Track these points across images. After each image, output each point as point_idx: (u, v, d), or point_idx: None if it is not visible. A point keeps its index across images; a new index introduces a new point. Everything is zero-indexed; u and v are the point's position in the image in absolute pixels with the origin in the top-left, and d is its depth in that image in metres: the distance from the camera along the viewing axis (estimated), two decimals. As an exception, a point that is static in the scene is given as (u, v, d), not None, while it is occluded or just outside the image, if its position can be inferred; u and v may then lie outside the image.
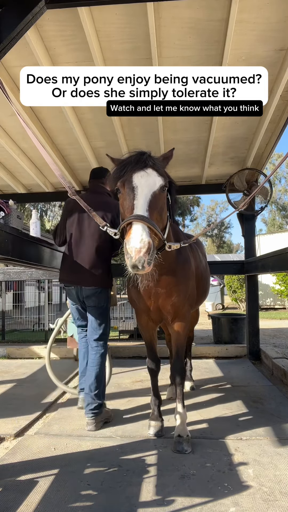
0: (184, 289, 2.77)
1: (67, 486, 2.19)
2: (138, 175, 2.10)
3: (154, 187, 2.10)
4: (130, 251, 1.84)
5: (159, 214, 2.12)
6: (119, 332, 8.47)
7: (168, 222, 2.35)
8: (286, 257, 3.59)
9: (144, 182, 2.09)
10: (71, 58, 3.31)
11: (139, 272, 1.89)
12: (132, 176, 2.11)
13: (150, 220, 1.97)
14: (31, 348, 6.17)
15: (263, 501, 2.01)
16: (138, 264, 1.83)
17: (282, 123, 4.33)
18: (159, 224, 2.09)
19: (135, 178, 2.10)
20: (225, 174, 5.62)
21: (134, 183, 2.08)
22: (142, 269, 1.85)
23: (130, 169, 2.12)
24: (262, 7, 2.83)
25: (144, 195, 2.04)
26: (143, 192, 2.05)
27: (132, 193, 2.06)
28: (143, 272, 1.91)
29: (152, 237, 1.93)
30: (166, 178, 2.20)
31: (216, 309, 16.47)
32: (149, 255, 1.85)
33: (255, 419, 3.18)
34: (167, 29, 3.01)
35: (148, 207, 2.01)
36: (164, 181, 2.15)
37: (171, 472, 2.33)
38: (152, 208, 2.03)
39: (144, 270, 1.87)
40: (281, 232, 19.47)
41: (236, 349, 5.88)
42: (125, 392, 4.01)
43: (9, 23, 2.31)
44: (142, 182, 2.08)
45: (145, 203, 2.02)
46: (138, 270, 1.86)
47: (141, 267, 1.83)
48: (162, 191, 2.16)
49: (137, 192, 2.05)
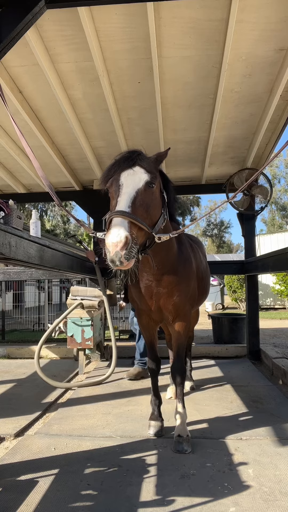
0: (185, 289, 2.77)
1: (67, 486, 2.19)
2: (124, 174, 2.11)
3: (139, 184, 2.08)
4: (108, 246, 1.83)
5: (144, 210, 2.09)
6: (119, 332, 8.47)
7: (163, 220, 2.33)
8: (286, 257, 3.59)
9: (129, 179, 2.09)
10: (71, 58, 3.31)
11: (118, 267, 1.88)
12: (119, 175, 2.12)
13: (132, 215, 1.94)
14: (31, 348, 6.17)
15: (263, 501, 2.01)
16: (115, 258, 1.81)
17: (282, 123, 4.33)
18: (146, 221, 2.06)
19: (122, 177, 2.10)
20: (225, 174, 5.63)
21: (120, 181, 2.09)
22: (120, 264, 1.83)
23: (118, 168, 2.14)
24: (262, 7, 2.83)
25: (127, 192, 2.04)
26: (127, 189, 2.05)
27: (118, 191, 2.06)
28: (123, 268, 1.89)
29: (132, 232, 1.90)
30: (154, 175, 2.17)
31: (216, 309, 16.47)
32: (126, 249, 1.82)
33: (255, 419, 3.18)
34: (167, 29, 3.00)
35: (131, 203, 1.99)
36: (150, 177, 2.12)
37: (171, 472, 2.33)
38: (136, 204, 2.01)
39: (123, 265, 1.85)
40: (281, 232, 19.44)
41: (236, 349, 5.88)
42: (125, 392, 4.01)
43: (9, 23, 2.31)
44: (128, 180, 2.09)
45: (128, 199, 2.00)
46: (116, 265, 1.85)
47: (118, 262, 1.82)
48: (149, 188, 2.13)
49: (122, 189, 2.05)
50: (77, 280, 12.61)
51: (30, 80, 3.59)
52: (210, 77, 3.55)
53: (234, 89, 3.76)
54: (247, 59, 3.35)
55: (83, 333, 4.67)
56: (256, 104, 4.03)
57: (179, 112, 4.16)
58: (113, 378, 4.48)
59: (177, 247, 2.71)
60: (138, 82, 3.63)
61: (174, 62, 3.37)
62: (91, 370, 4.99)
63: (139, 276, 2.68)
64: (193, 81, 3.62)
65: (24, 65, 3.38)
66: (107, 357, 5.59)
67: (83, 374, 4.78)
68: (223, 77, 3.43)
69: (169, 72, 3.49)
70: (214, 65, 3.39)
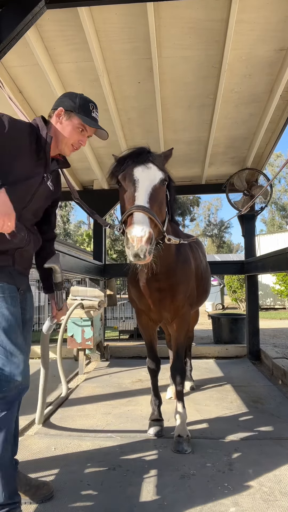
0: (185, 289, 2.77)
1: (67, 486, 2.19)
2: (139, 169, 2.13)
3: (155, 181, 2.13)
4: (132, 240, 1.86)
5: (158, 207, 2.15)
6: (119, 332, 8.48)
7: (167, 218, 2.35)
8: (286, 257, 3.59)
9: (145, 175, 2.12)
10: (71, 58, 3.31)
11: (140, 261, 1.91)
12: (133, 169, 2.13)
13: (151, 211, 1.99)
14: (31, 348, 6.15)
15: (263, 501, 2.01)
16: (140, 252, 1.84)
17: (282, 123, 4.34)
18: (158, 217, 2.11)
19: (136, 172, 2.12)
20: (225, 174, 5.63)
21: (135, 176, 2.11)
22: (144, 258, 1.86)
23: (131, 163, 2.15)
24: (262, 7, 2.83)
25: (145, 188, 2.07)
26: (144, 184, 2.08)
27: (133, 186, 2.08)
28: (144, 262, 1.93)
29: (152, 227, 1.95)
30: (166, 173, 2.23)
31: (216, 309, 16.48)
32: (150, 244, 1.86)
33: (255, 419, 3.18)
34: (167, 29, 3.01)
35: (148, 199, 2.04)
36: (164, 175, 2.19)
37: (171, 472, 2.33)
38: (152, 200, 2.06)
39: (145, 260, 1.89)
40: (281, 232, 19.47)
41: (236, 349, 5.88)
42: (125, 392, 4.00)
43: (9, 23, 2.31)
44: (143, 176, 2.11)
45: (146, 195, 2.05)
46: (139, 259, 1.88)
47: (142, 256, 1.85)
48: (162, 185, 2.19)
49: (138, 185, 2.08)
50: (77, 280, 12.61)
51: (30, 80, 3.59)
52: (210, 77, 3.55)
53: (234, 89, 3.76)
54: (247, 59, 3.35)
55: (83, 333, 4.67)
56: (256, 104, 4.03)
57: (179, 112, 4.17)
58: (113, 378, 4.49)
59: (176, 246, 2.71)
60: (138, 82, 3.64)
61: (174, 62, 3.37)
62: (91, 370, 5.00)
63: (138, 276, 2.68)
64: (193, 81, 3.62)
65: (24, 65, 3.39)
66: (107, 357, 5.60)
67: (83, 374, 4.78)
68: (223, 77, 3.44)
69: (169, 72, 3.49)
70: (214, 65, 3.39)
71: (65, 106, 1.96)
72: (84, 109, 1.98)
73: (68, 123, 1.96)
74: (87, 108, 2.00)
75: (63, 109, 1.95)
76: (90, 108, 2.02)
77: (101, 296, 4.89)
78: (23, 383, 1.73)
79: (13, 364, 1.70)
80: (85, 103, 2.00)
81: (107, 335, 8.00)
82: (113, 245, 30.61)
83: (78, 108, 1.96)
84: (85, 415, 3.33)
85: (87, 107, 2.00)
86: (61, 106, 1.96)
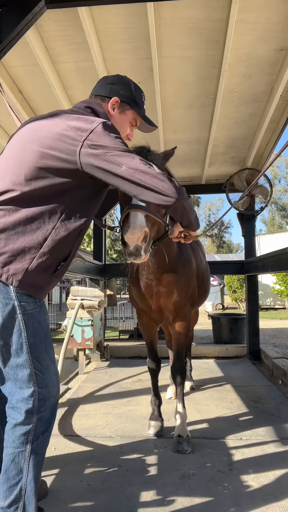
0: (186, 289, 2.77)
1: (67, 486, 2.19)
2: None
3: None
4: (127, 240, 1.85)
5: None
6: (119, 332, 8.48)
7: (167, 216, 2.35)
8: (286, 257, 3.59)
9: None
10: (71, 58, 3.31)
11: (136, 260, 1.90)
12: None
13: (148, 208, 1.94)
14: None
15: (263, 501, 2.01)
16: (135, 252, 1.84)
17: (282, 123, 4.34)
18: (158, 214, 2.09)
19: None
20: (225, 174, 5.63)
21: None
22: (139, 257, 1.86)
23: None
24: (262, 7, 2.83)
25: None
26: None
27: None
28: (140, 261, 1.92)
29: (148, 226, 1.93)
30: (164, 171, 2.20)
31: (216, 309, 16.48)
32: (145, 243, 1.86)
33: (255, 419, 3.18)
34: (167, 29, 3.01)
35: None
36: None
37: (171, 472, 2.33)
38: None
39: (141, 259, 1.88)
40: (281, 232, 19.47)
41: (236, 349, 5.88)
42: (125, 392, 4.01)
43: (9, 23, 2.31)
44: None
45: None
46: (135, 258, 1.87)
47: (137, 254, 1.85)
48: None
49: None
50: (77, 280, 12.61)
51: (30, 80, 3.59)
52: (210, 77, 3.55)
53: (234, 89, 3.76)
54: (247, 59, 3.35)
55: (83, 333, 4.67)
56: (256, 104, 4.03)
57: (179, 112, 4.16)
58: (113, 378, 4.49)
59: (177, 246, 2.71)
60: (138, 82, 3.62)
61: (174, 62, 3.37)
62: (91, 370, 5.00)
63: (139, 275, 2.69)
64: (193, 81, 3.62)
65: (24, 65, 3.38)
66: (107, 357, 5.60)
67: (83, 374, 4.78)
68: (223, 77, 3.43)
69: (169, 72, 3.49)
70: (214, 65, 3.39)
71: (121, 96, 1.72)
72: (139, 100, 1.75)
73: (122, 116, 1.73)
74: (141, 99, 1.77)
75: (118, 100, 1.71)
76: (143, 99, 1.78)
77: (101, 296, 4.89)
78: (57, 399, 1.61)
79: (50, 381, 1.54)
80: (140, 93, 1.76)
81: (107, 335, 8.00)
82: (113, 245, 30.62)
83: (134, 99, 1.73)
84: (85, 415, 3.33)
85: (141, 98, 1.77)
86: (116, 96, 1.71)
